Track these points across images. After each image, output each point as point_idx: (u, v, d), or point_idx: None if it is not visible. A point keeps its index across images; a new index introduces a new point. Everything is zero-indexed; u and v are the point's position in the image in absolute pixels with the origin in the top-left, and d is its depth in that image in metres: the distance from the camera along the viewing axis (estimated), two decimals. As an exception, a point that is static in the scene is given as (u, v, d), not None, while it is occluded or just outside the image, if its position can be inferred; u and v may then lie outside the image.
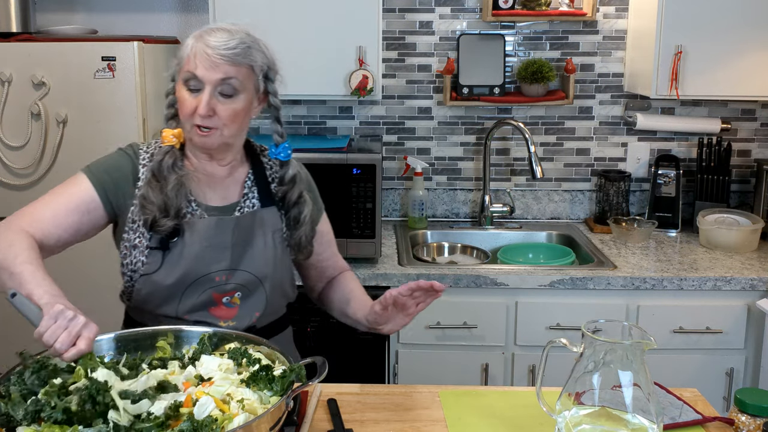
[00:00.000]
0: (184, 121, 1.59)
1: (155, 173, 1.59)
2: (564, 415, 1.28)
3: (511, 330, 2.56)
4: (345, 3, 2.65)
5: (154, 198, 1.57)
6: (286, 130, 1.73)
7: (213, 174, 1.67)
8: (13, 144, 2.49)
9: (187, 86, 1.56)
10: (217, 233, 1.62)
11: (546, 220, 3.19)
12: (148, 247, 1.60)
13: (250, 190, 1.70)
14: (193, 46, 1.56)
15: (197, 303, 1.62)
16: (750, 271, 2.54)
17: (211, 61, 1.54)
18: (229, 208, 1.67)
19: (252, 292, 1.66)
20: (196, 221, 1.62)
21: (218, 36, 1.56)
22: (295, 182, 1.71)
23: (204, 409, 1.19)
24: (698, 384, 1.92)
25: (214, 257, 1.62)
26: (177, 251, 1.60)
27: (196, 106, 1.55)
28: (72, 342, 1.28)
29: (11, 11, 2.67)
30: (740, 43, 2.67)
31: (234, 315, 1.64)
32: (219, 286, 1.62)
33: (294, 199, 1.70)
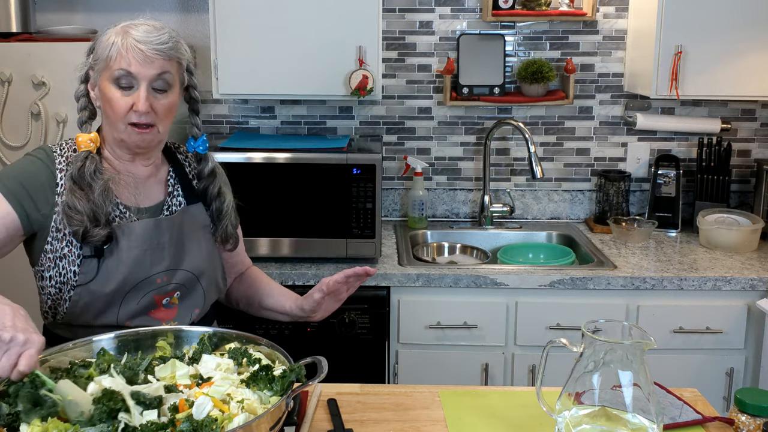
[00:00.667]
0: (115, 122, 1.55)
1: (76, 181, 1.53)
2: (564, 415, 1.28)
3: (511, 330, 2.56)
4: (345, 3, 2.65)
5: (81, 207, 1.51)
6: (286, 130, 1.73)
7: (136, 175, 1.64)
8: (13, 144, 2.49)
9: (117, 84, 1.52)
10: (155, 234, 1.60)
11: (546, 220, 3.19)
12: (80, 256, 1.54)
13: (173, 188, 1.69)
14: (120, 42, 1.52)
15: (138, 308, 1.59)
16: (750, 271, 2.54)
17: (146, 57, 1.51)
18: (156, 208, 1.65)
19: (190, 291, 1.66)
20: (130, 224, 1.58)
21: (146, 31, 1.54)
22: (215, 175, 1.71)
23: (202, 410, 1.19)
24: (698, 384, 1.93)
25: (154, 259, 1.59)
26: (114, 257, 1.55)
27: (132, 104, 1.52)
28: (13, 365, 1.22)
29: (11, 11, 2.67)
30: (740, 43, 2.67)
31: (174, 315, 1.64)
32: (160, 288, 1.61)
33: (215, 192, 1.71)
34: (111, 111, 1.55)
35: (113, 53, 1.52)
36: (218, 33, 2.68)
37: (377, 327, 2.53)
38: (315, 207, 2.58)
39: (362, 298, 2.52)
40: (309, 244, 2.61)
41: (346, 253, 2.59)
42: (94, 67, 1.57)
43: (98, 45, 1.57)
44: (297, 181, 2.57)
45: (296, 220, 2.59)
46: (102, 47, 1.55)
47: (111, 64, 1.53)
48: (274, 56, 2.69)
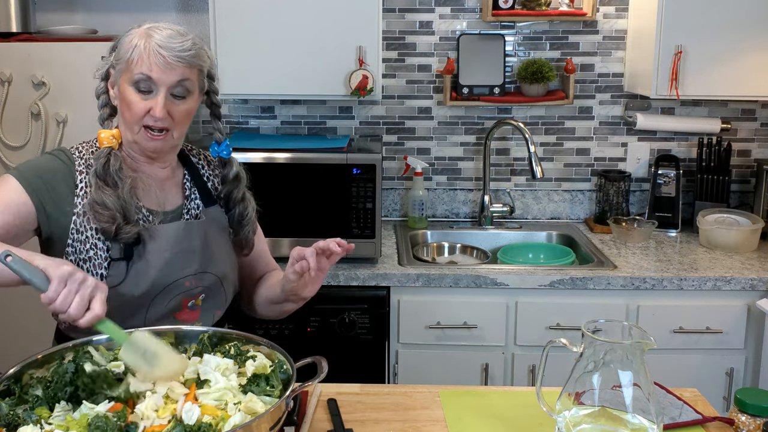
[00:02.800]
0: (132, 124, 1.54)
1: (102, 177, 1.51)
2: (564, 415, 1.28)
3: (511, 330, 2.56)
4: (345, 3, 2.65)
5: (111, 203, 1.49)
6: (286, 130, 1.73)
7: (154, 177, 1.63)
8: (13, 144, 2.49)
9: (136, 87, 1.52)
10: (186, 237, 1.59)
11: (546, 220, 3.19)
12: (108, 259, 1.52)
13: (190, 191, 1.67)
14: (142, 46, 1.50)
15: (165, 310, 1.58)
16: (750, 271, 2.54)
17: (168, 63, 1.50)
18: (176, 211, 1.64)
19: (214, 293, 1.65)
20: (159, 227, 1.57)
21: (170, 36, 1.51)
22: (239, 180, 1.69)
23: (191, 416, 1.20)
24: (698, 384, 1.92)
25: (184, 262, 1.58)
26: (143, 260, 1.54)
27: (149, 108, 1.51)
28: (86, 306, 1.23)
29: (11, 11, 2.67)
30: (740, 43, 2.67)
31: (197, 317, 1.63)
32: (188, 291, 1.60)
33: (239, 198, 1.69)
34: (128, 113, 1.54)
35: (135, 56, 1.51)
36: (218, 33, 2.68)
37: (377, 327, 2.54)
38: (315, 207, 2.58)
39: (362, 298, 2.52)
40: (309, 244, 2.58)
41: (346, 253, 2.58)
42: (115, 66, 1.57)
43: (120, 45, 1.55)
44: (297, 181, 2.57)
45: (296, 220, 2.59)
46: (124, 48, 1.53)
47: (132, 66, 1.51)
48: (274, 56, 2.69)
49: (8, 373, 1.30)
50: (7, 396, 1.27)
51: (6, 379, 1.29)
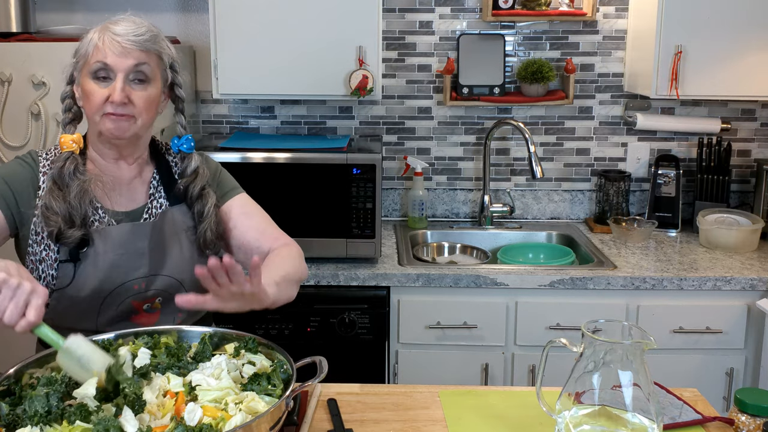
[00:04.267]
0: (93, 114, 1.54)
1: (56, 181, 1.53)
2: (564, 415, 1.28)
3: (511, 330, 2.56)
4: (345, 3, 2.65)
5: (57, 207, 1.49)
6: (286, 130, 1.72)
7: (119, 177, 1.62)
8: (13, 144, 2.49)
9: (95, 77, 1.53)
10: (132, 239, 1.57)
11: (546, 220, 3.19)
12: (57, 260, 1.53)
13: (156, 189, 1.66)
14: (98, 37, 1.53)
15: (117, 314, 1.57)
16: (750, 271, 2.54)
17: (122, 48, 1.51)
18: (137, 211, 1.62)
19: (173, 295, 1.58)
20: (107, 229, 1.56)
21: (124, 25, 1.54)
22: (197, 175, 1.66)
23: (193, 416, 1.19)
24: (698, 384, 1.93)
25: (131, 265, 1.57)
26: (89, 262, 1.54)
27: (108, 94, 1.51)
28: (21, 313, 1.22)
29: (11, 11, 2.67)
30: (740, 43, 2.67)
31: (156, 320, 1.62)
32: (138, 294, 1.58)
33: (196, 193, 1.65)
34: (89, 104, 1.54)
35: (91, 48, 1.53)
36: (218, 33, 2.68)
37: (377, 327, 2.54)
38: (315, 207, 2.58)
39: (362, 298, 2.52)
40: (309, 244, 2.61)
41: (346, 253, 2.59)
42: (76, 66, 1.58)
43: (80, 44, 1.57)
44: (297, 181, 2.57)
45: (296, 220, 2.59)
46: (83, 45, 1.56)
47: (89, 58, 1.53)
48: (274, 56, 2.69)
49: (8, 373, 1.30)
50: (7, 396, 1.27)
51: (6, 379, 1.29)
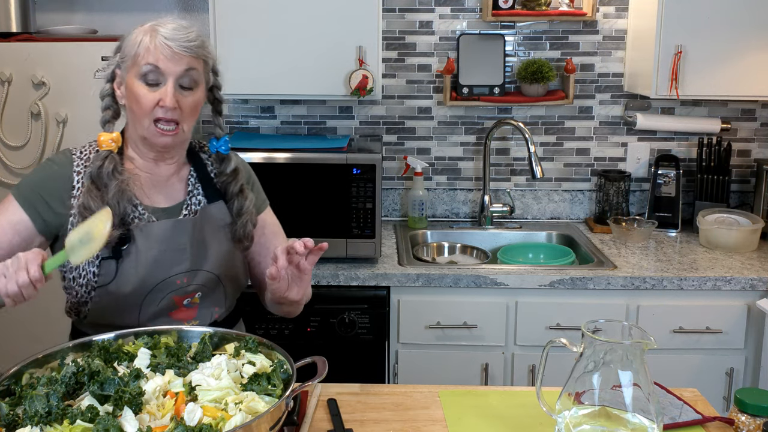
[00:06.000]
0: (141, 118, 1.55)
1: (94, 180, 1.54)
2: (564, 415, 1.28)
3: (511, 330, 2.56)
4: (345, 3, 2.65)
5: (95, 207, 1.50)
6: (286, 130, 1.73)
7: (158, 174, 1.64)
8: (13, 144, 2.49)
9: (144, 80, 1.53)
10: (173, 235, 1.59)
11: (546, 220, 3.19)
12: (99, 257, 1.54)
13: (194, 187, 1.68)
14: (148, 39, 1.53)
15: (158, 310, 1.59)
16: (750, 271, 2.54)
17: (174, 53, 1.52)
18: (175, 208, 1.64)
19: (211, 291, 1.65)
20: (148, 225, 1.58)
21: (174, 29, 1.54)
22: (236, 175, 1.69)
23: (193, 416, 1.19)
24: (698, 384, 1.93)
25: (173, 260, 1.59)
26: (131, 258, 1.55)
27: (158, 99, 1.52)
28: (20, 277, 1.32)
29: (11, 11, 2.67)
30: (740, 43, 2.67)
31: (194, 315, 1.64)
32: (180, 289, 1.60)
33: (235, 192, 1.68)
34: (137, 107, 1.55)
35: (141, 50, 1.53)
36: (218, 33, 2.68)
37: (377, 327, 2.54)
38: (315, 207, 2.58)
39: (362, 298, 2.52)
40: (309, 244, 2.61)
41: (346, 253, 2.59)
42: (121, 65, 1.58)
43: (125, 43, 1.57)
44: (297, 181, 2.57)
45: (296, 220, 2.59)
46: (129, 45, 1.56)
47: (138, 60, 1.53)
48: (274, 56, 2.69)
49: (8, 373, 1.30)
50: (7, 396, 1.27)
51: (6, 379, 1.29)
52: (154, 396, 1.26)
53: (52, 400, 1.21)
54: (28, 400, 1.21)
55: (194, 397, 1.27)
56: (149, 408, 1.22)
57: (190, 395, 1.28)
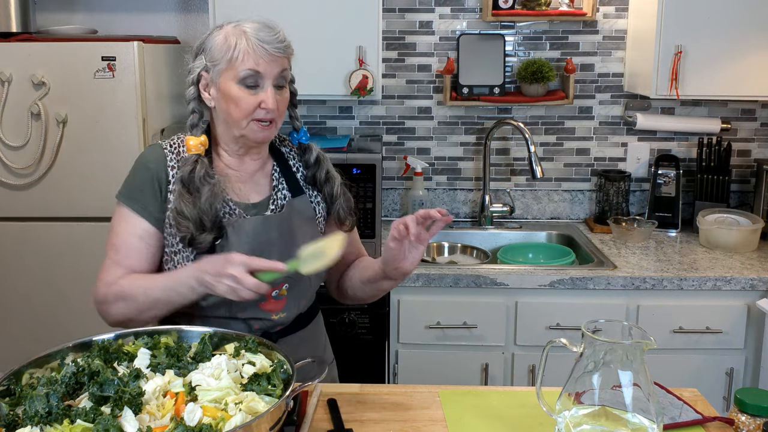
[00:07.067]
0: (239, 120, 1.58)
1: (186, 184, 1.57)
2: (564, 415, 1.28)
3: (511, 330, 2.56)
4: (345, 3, 2.65)
5: (188, 213, 1.54)
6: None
7: (244, 170, 1.68)
8: (13, 144, 2.49)
9: (243, 84, 1.56)
10: (264, 230, 1.63)
11: (546, 220, 3.19)
12: (194, 252, 1.59)
13: (278, 181, 1.71)
14: (244, 42, 1.56)
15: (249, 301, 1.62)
16: (750, 271, 2.54)
17: (271, 56, 1.56)
18: (262, 203, 1.68)
19: (298, 283, 1.68)
20: (240, 221, 1.62)
21: (266, 31, 1.59)
22: (320, 163, 1.74)
23: (193, 416, 1.19)
24: (698, 384, 1.93)
25: (264, 255, 1.60)
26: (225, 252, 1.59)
27: (259, 102, 1.56)
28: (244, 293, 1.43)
29: (11, 11, 2.67)
30: (740, 43, 2.67)
31: (282, 307, 1.67)
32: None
33: (323, 178, 1.73)
34: (236, 110, 1.57)
35: (238, 54, 1.55)
36: (218, 33, 2.67)
37: (377, 327, 2.54)
38: (315, 207, 2.58)
39: (362, 298, 2.52)
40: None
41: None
42: (210, 68, 1.59)
43: (211, 46, 1.59)
44: (297, 181, 2.57)
45: (296, 220, 2.59)
46: (219, 48, 1.57)
47: (236, 64, 1.56)
48: (274, 56, 2.68)
49: (8, 373, 1.30)
50: (7, 396, 1.27)
51: (6, 379, 1.29)
52: (154, 396, 1.25)
53: (52, 400, 1.21)
54: (28, 400, 1.21)
55: (194, 397, 1.27)
56: (149, 408, 1.22)
57: (190, 395, 1.28)
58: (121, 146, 2.48)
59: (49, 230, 2.52)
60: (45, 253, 2.53)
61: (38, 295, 2.55)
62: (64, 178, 2.50)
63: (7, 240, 2.53)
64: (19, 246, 2.53)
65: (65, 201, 2.51)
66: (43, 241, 2.52)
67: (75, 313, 2.53)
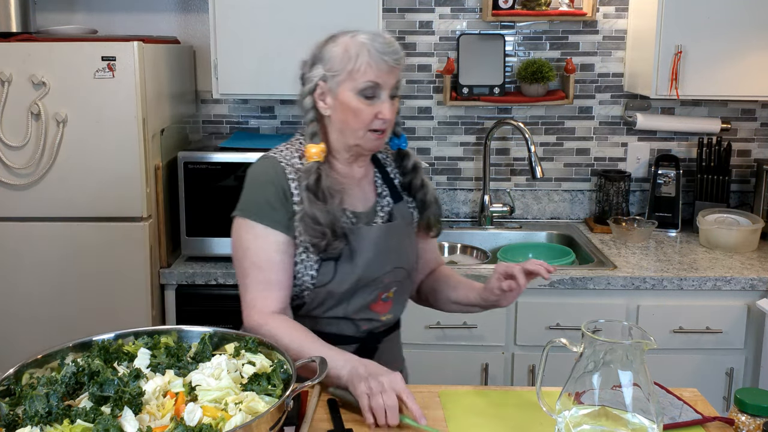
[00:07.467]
0: (357, 129, 1.60)
1: (314, 192, 1.59)
2: (564, 415, 1.28)
3: (511, 330, 2.56)
4: (345, 3, 2.65)
5: (322, 219, 1.57)
6: (286, 130, 1.75)
7: (352, 176, 1.70)
8: (13, 144, 2.49)
9: (363, 95, 1.58)
10: (384, 238, 1.68)
11: (546, 220, 3.19)
12: (318, 261, 1.62)
13: (381, 188, 1.75)
14: (366, 54, 1.57)
15: (363, 303, 1.68)
16: (750, 271, 2.54)
17: (390, 67, 1.59)
18: (371, 210, 1.71)
19: (404, 285, 1.75)
20: (364, 228, 1.66)
21: (384, 43, 1.59)
22: (417, 170, 1.78)
23: (193, 416, 1.19)
24: (698, 384, 1.92)
25: (384, 261, 1.68)
26: (348, 260, 1.64)
27: (376, 112, 1.59)
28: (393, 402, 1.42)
29: (11, 11, 2.67)
30: (740, 43, 2.67)
31: (389, 308, 1.73)
32: (385, 285, 1.70)
33: (419, 185, 1.77)
34: (355, 120, 1.60)
35: (360, 66, 1.57)
36: (218, 33, 2.68)
37: (377, 327, 2.53)
38: (315, 207, 2.57)
39: (362, 298, 2.52)
40: (309, 244, 2.61)
41: (346, 253, 2.58)
42: (328, 78, 1.60)
43: (329, 56, 1.60)
44: (297, 181, 2.57)
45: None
46: (339, 59, 1.58)
47: (356, 75, 1.57)
48: (274, 56, 2.69)
49: (8, 373, 1.30)
50: (7, 396, 1.27)
51: (6, 379, 1.29)
52: (154, 396, 1.25)
53: (52, 400, 1.21)
54: (28, 400, 1.20)
55: (194, 397, 1.27)
56: (149, 408, 1.22)
57: (190, 395, 1.28)
58: (121, 146, 2.48)
59: (49, 230, 2.52)
60: (45, 253, 2.53)
61: (38, 295, 2.54)
62: (64, 178, 2.50)
63: (7, 240, 2.53)
64: (19, 246, 2.53)
65: (65, 201, 2.51)
66: (43, 241, 2.52)
67: (75, 313, 2.53)
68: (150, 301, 2.54)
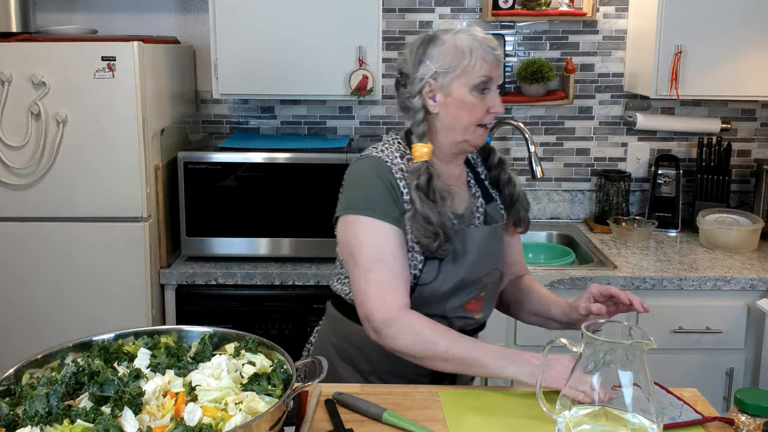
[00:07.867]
0: (468, 125, 1.61)
1: (425, 192, 1.58)
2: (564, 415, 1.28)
3: (511, 330, 2.55)
4: (345, 3, 2.65)
5: (435, 219, 1.57)
6: (286, 130, 1.75)
7: (450, 175, 1.70)
8: (13, 144, 2.49)
9: (478, 90, 1.58)
10: (489, 241, 1.69)
11: (546, 220, 3.19)
12: (423, 261, 1.62)
13: (475, 188, 1.74)
14: (479, 50, 1.57)
15: (460, 302, 1.68)
16: (750, 271, 2.54)
17: (498, 61, 1.61)
18: (468, 211, 1.71)
19: (496, 284, 1.76)
20: (467, 230, 1.66)
21: (486, 38, 1.61)
22: (503, 165, 1.77)
23: (193, 417, 1.19)
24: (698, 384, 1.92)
25: (486, 263, 1.68)
26: (452, 260, 1.64)
27: (488, 107, 1.60)
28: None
29: (11, 11, 2.67)
30: (740, 43, 2.67)
31: (480, 307, 1.73)
32: (482, 286, 1.70)
33: (506, 180, 1.77)
34: (468, 115, 1.60)
35: (475, 61, 1.57)
36: (218, 33, 2.68)
37: (377, 327, 2.53)
38: (315, 207, 2.58)
39: (362, 298, 2.51)
40: (309, 244, 2.61)
41: (346, 253, 2.58)
42: (439, 76, 1.59)
43: (440, 53, 1.59)
44: (297, 181, 2.57)
45: (296, 220, 2.59)
46: (451, 55, 1.58)
47: (471, 71, 1.58)
48: (274, 56, 2.69)
49: (8, 373, 1.30)
50: (7, 396, 1.27)
51: (6, 379, 1.29)
52: (154, 396, 1.25)
53: (52, 400, 1.20)
54: (28, 400, 1.20)
55: (194, 397, 1.27)
56: (149, 408, 1.22)
57: (190, 395, 1.28)
58: (121, 146, 2.48)
59: (49, 230, 2.52)
60: (45, 253, 2.53)
61: (38, 295, 2.54)
62: (63, 178, 2.50)
63: (7, 240, 2.52)
64: (19, 246, 2.53)
65: (65, 201, 2.51)
66: (43, 241, 2.52)
67: (75, 313, 2.53)
68: (150, 301, 2.54)
